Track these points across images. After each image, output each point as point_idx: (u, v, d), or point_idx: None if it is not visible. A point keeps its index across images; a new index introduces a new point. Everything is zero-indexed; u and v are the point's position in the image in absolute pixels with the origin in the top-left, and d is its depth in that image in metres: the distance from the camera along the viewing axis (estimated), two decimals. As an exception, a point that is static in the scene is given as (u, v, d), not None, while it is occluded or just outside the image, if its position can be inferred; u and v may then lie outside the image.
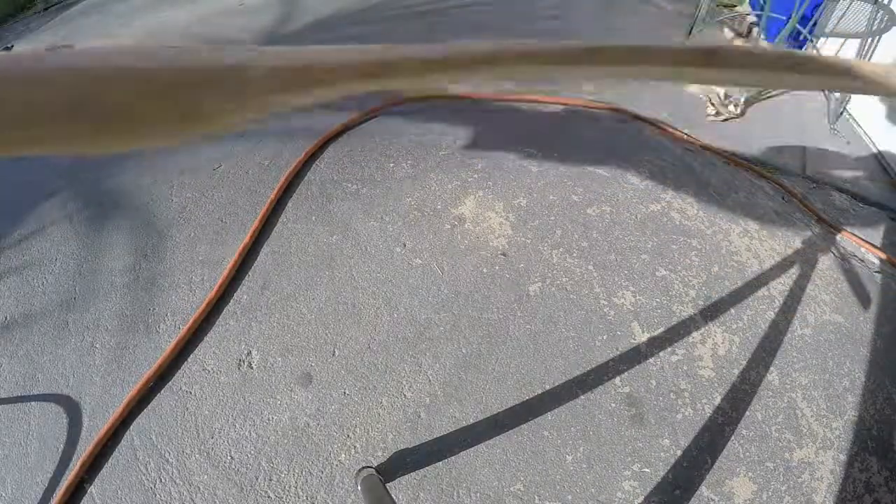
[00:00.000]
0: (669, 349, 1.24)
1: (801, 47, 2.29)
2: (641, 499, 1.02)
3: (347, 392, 1.16)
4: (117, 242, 1.52)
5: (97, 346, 1.27)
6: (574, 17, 2.76)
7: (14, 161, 1.91)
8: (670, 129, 1.90)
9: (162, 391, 1.17)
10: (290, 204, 1.59)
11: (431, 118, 1.91)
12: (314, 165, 1.72)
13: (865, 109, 1.99)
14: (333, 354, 1.23)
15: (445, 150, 1.77)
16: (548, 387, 1.17)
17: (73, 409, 1.15)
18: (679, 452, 1.08)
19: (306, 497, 1.01)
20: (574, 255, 1.44)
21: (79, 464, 1.03)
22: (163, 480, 1.03)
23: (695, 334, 1.27)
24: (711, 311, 1.32)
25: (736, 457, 1.07)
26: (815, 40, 2.15)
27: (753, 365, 1.22)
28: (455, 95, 2.01)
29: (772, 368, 1.21)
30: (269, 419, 1.12)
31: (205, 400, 1.15)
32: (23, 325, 1.33)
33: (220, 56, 0.21)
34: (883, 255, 1.49)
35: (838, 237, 1.54)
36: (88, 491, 1.02)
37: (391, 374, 1.19)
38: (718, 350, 1.24)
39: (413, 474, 1.04)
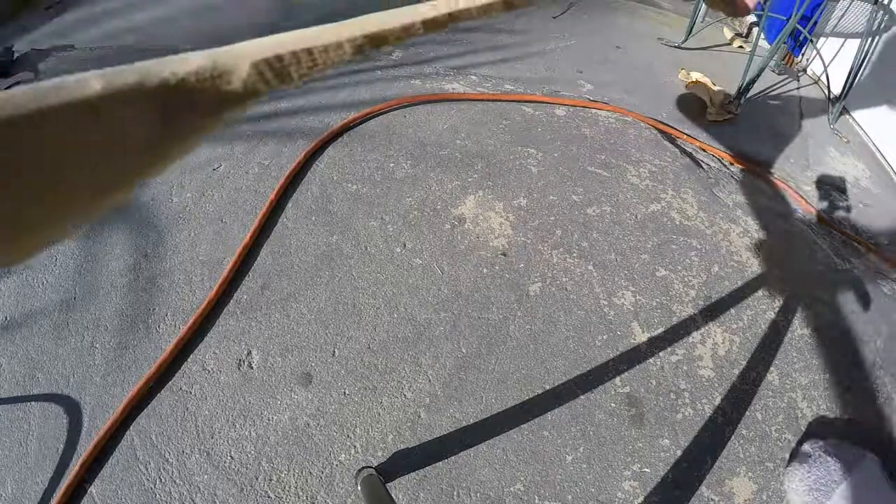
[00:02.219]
0: (669, 349, 1.24)
1: (801, 47, 2.29)
2: (641, 499, 1.02)
3: (347, 392, 1.16)
4: (117, 242, 1.52)
5: (97, 346, 1.27)
6: (579, 19, 2.76)
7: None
8: (670, 129, 1.90)
9: (162, 391, 1.17)
10: (290, 204, 1.59)
11: (432, 118, 1.91)
12: (314, 165, 1.72)
13: (866, 109, 1.99)
14: (333, 354, 1.23)
15: (445, 150, 1.77)
16: (548, 387, 1.17)
17: (73, 409, 1.15)
18: (679, 452, 1.08)
19: (306, 497, 1.01)
20: (574, 255, 1.44)
21: (79, 464, 1.03)
22: (163, 480, 1.03)
23: (695, 334, 1.27)
24: (711, 311, 1.32)
25: (736, 457, 1.08)
26: (815, 40, 2.15)
27: (753, 365, 1.22)
28: (455, 96, 2.01)
29: (772, 368, 1.21)
30: (269, 419, 1.12)
31: (205, 400, 1.15)
32: (23, 325, 1.33)
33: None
34: (882, 255, 1.49)
35: (838, 237, 1.54)
36: (88, 491, 1.02)
37: (391, 374, 1.19)
38: (718, 350, 1.24)
39: (413, 474, 1.04)
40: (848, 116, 2.05)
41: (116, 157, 0.16)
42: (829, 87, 2.08)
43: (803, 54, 2.32)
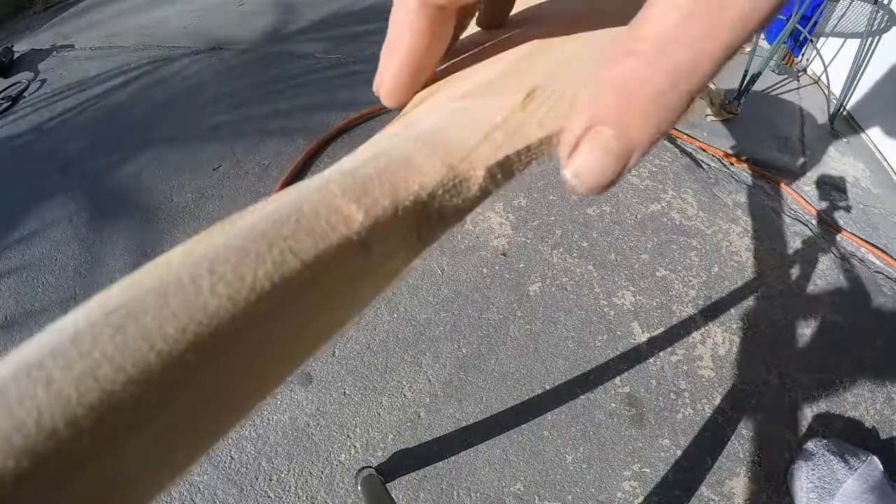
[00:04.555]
0: (669, 349, 1.24)
1: (801, 47, 2.29)
2: (641, 499, 1.02)
3: (347, 392, 1.16)
4: (117, 242, 1.52)
5: (97, 346, 1.27)
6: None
7: (13, 160, 1.91)
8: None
9: (162, 391, 1.17)
10: (290, 204, 1.59)
11: (431, 118, 1.91)
12: (314, 165, 1.72)
13: (866, 109, 1.99)
14: (333, 354, 1.23)
15: (445, 150, 1.76)
16: (548, 387, 1.17)
17: (73, 409, 1.15)
18: (679, 452, 1.08)
19: (306, 497, 1.01)
20: (574, 255, 1.44)
21: (79, 464, 1.03)
22: (163, 480, 1.03)
23: (695, 334, 1.27)
24: (711, 311, 1.32)
25: (736, 457, 1.08)
26: (815, 40, 2.15)
27: (753, 365, 1.22)
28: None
29: (772, 368, 1.21)
30: (269, 419, 1.12)
31: (205, 400, 1.15)
32: (23, 325, 1.33)
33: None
34: (883, 255, 1.49)
35: (838, 237, 1.54)
36: (88, 491, 1.02)
37: (391, 374, 1.19)
38: (718, 350, 1.24)
39: (413, 474, 1.04)
40: (848, 116, 2.05)
41: (371, 293, 0.14)
42: (829, 87, 2.08)
43: (803, 54, 2.32)
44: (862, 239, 1.53)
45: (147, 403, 0.09)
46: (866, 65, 1.88)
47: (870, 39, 1.82)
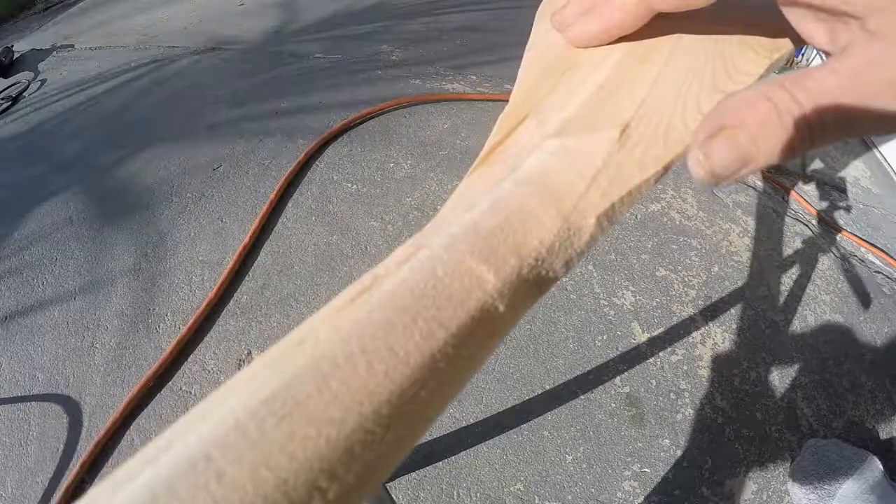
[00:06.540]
0: (669, 349, 1.24)
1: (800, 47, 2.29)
2: (641, 499, 1.02)
3: (347, 392, 1.16)
4: (117, 242, 1.52)
5: (97, 346, 1.27)
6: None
7: (13, 160, 1.91)
8: (670, 129, 1.90)
9: (162, 391, 1.17)
10: (290, 204, 1.59)
11: (432, 118, 1.91)
12: (314, 165, 1.72)
13: (865, 109, 1.99)
14: (333, 354, 1.22)
15: (445, 150, 1.77)
16: (548, 387, 1.17)
17: (73, 409, 1.15)
18: (679, 452, 1.08)
19: (306, 497, 1.01)
20: (574, 255, 1.44)
21: (79, 464, 1.03)
22: (163, 480, 1.03)
23: (695, 334, 1.27)
24: (711, 311, 1.32)
25: (736, 457, 1.08)
26: (815, 40, 2.15)
27: (753, 365, 1.22)
28: (455, 96, 2.01)
29: (772, 368, 1.21)
30: (269, 419, 1.12)
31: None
32: (23, 325, 1.33)
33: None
34: (883, 255, 1.49)
35: (838, 237, 1.54)
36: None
37: (391, 374, 1.19)
38: (718, 350, 1.24)
39: (413, 474, 1.04)
40: (848, 116, 2.05)
41: (499, 342, 0.14)
42: (829, 87, 2.08)
43: (803, 54, 2.32)
44: (862, 239, 1.53)
45: (320, 487, 0.10)
46: (866, 65, 1.87)
47: (870, 39, 1.81)
